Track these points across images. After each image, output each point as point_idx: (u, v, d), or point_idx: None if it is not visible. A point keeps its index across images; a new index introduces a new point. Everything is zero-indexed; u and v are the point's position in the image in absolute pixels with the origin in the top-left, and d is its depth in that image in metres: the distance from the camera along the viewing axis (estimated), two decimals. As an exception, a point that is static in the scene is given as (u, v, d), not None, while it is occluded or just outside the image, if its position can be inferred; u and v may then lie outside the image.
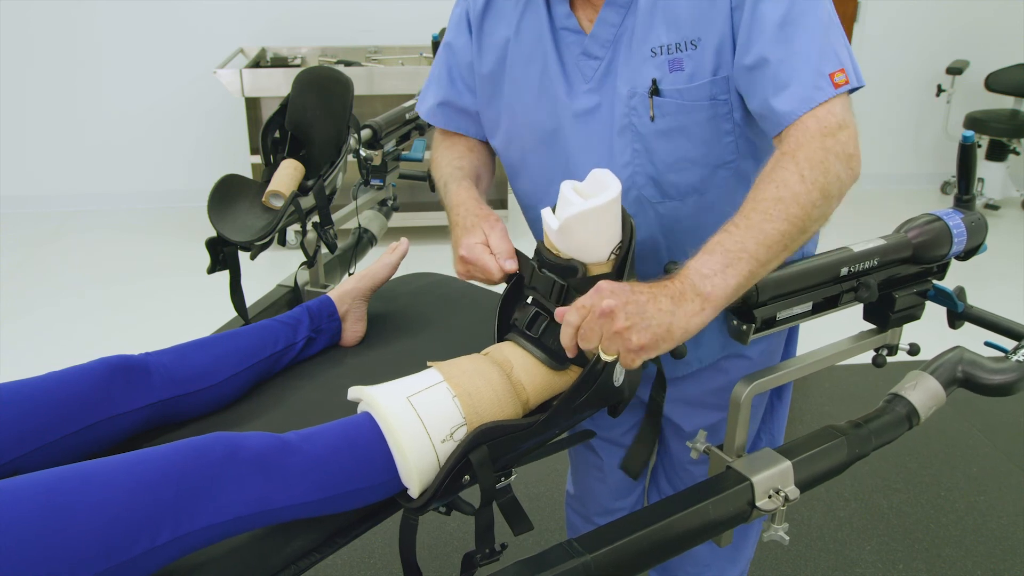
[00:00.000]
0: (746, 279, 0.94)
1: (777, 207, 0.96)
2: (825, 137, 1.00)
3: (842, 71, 1.03)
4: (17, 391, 0.99)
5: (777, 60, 1.03)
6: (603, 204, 0.96)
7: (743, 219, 0.96)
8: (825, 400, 2.96)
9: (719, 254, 0.94)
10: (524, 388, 1.01)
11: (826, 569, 2.16)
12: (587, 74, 1.15)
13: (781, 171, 0.98)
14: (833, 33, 1.04)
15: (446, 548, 2.20)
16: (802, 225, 0.97)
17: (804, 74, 1.02)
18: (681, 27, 1.08)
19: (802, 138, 1.00)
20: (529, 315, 1.04)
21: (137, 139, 4.62)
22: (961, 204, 1.29)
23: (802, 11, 1.02)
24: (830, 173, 0.99)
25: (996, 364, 1.22)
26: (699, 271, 0.93)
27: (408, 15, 4.51)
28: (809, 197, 0.97)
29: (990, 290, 3.65)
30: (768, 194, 0.97)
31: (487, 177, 1.31)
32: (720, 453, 1.12)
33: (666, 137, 1.12)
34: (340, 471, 0.92)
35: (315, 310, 1.30)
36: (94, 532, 0.79)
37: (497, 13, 1.21)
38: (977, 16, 4.92)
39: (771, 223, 0.95)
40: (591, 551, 0.92)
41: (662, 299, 0.90)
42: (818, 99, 1.01)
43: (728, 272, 0.93)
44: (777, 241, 0.95)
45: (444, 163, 1.28)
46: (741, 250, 0.94)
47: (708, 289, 0.92)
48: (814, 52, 1.02)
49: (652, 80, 1.10)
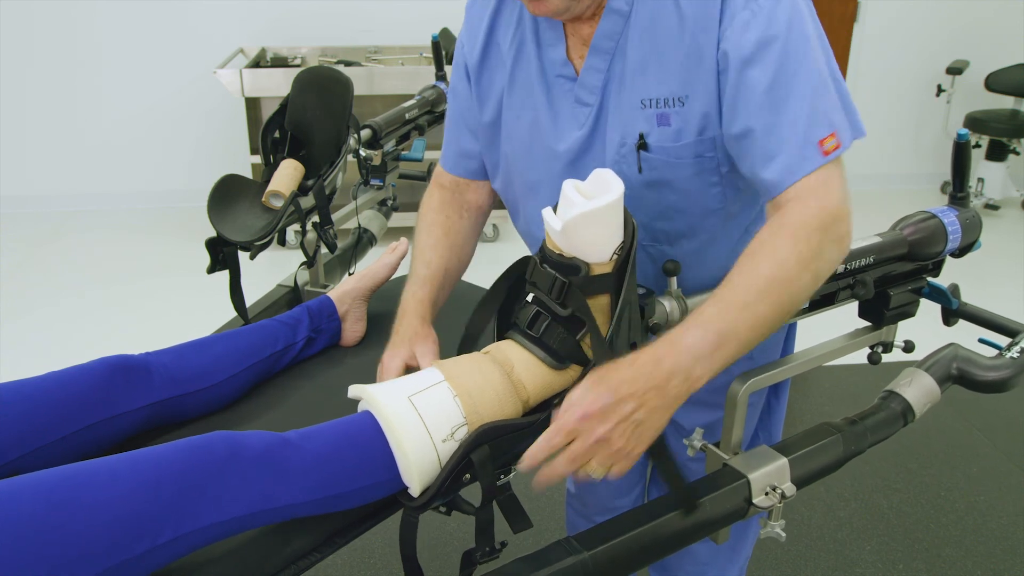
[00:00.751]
0: (729, 362, 0.94)
1: (771, 288, 0.94)
2: (825, 216, 0.98)
3: (833, 135, 1.01)
4: (17, 391, 0.99)
5: (763, 130, 1.01)
6: (605, 205, 0.96)
7: (736, 295, 0.94)
8: (824, 400, 2.96)
9: (713, 333, 0.92)
10: (524, 387, 1.01)
11: (826, 569, 2.17)
12: (580, 120, 1.14)
13: (780, 249, 0.96)
14: (823, 94, 1.01)
15: (446, 548, 2.20)
16: (786, 312, 0.96)
17: (791, 143, 1.00)
18: (669, 82, 1.06)
19: (805, 215, 0.98)
20: (530, 314, 1.04)
21: (137, 139, 4.63)
22: (956, 201, 1.29)
23: (791, 74, 0.99)
24: (823, 258, 0.98)
25: (990, 360, 1.22)
26: (691, 351, 0.91)
27: (408, 15, 4.51)
28: (801, 282, 0.96)
29: (990, 290, 3.65)
30: (764, 271, 0.95)
31: (458, 261, 1.29)
32: (717, 451, 1.13)
33: (653, 188, 1.13)
34: (341, 470, 0.92)
35: (315, 310, 1.31)
36: (95, 531, 0.79)
37: (492, 62, 1.21)
38: (977, 16, 4.93)
39: (764, 305, 0.94)
40: (589, 549, 0.92)
41: (649, 397, 0.89)
42: (805, 169, 0.99)
43: (716, 356, 0.92)
44: (765, 325, 0.95)
45: (418, 250, 1.27)
46: (733, 332, 0.92)
47: (699, 373, 0.91)
48: (802, 119, 0.99)
49: (640, 135, 1.09)
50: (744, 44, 1.00)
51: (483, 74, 1.22)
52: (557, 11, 1.05)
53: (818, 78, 1.01)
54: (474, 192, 1.33)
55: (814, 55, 1.01)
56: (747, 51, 1.00)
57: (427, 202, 1.33)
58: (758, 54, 1.00)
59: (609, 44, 1.10)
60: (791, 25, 1.00)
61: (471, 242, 1.33)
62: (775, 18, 0.99)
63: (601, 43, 1.10)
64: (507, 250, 4.06)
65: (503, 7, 1.19)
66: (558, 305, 1.01)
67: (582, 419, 0.88)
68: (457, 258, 1.29)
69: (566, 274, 1.00)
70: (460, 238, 1.30)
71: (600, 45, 1.10)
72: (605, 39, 1.10)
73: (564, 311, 1.01)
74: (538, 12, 1.06)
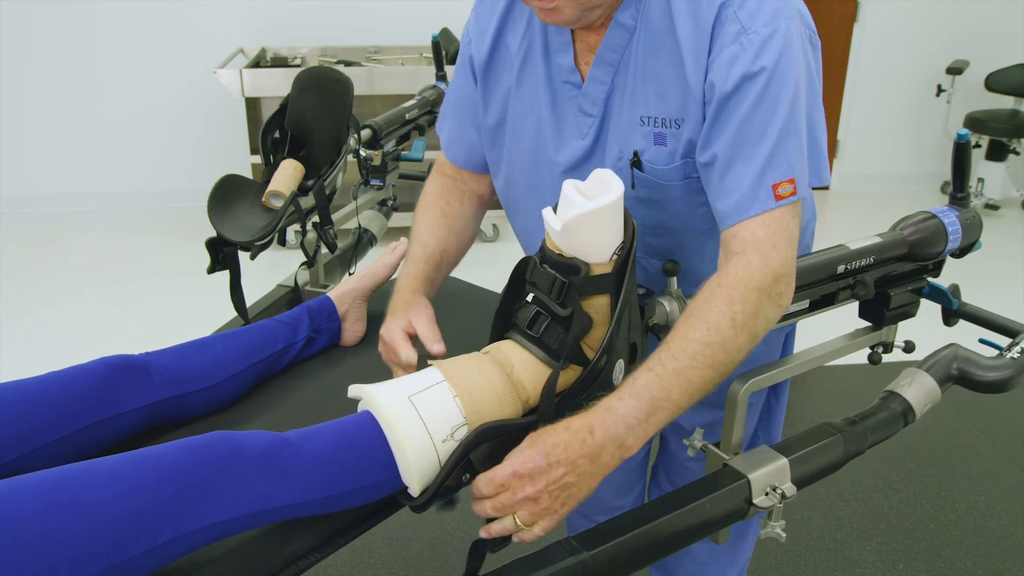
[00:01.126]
0: (661, 426, 0.95)
1: (705, 352, 0.95)
2: (765, 276, 0.98)
3: (790, 181, 1.00)
4: (17, 391, 0.99)
5: (725, 162, 1.01)
6: (605, 205, 0.96)
7: (671, 360, 0.95)
8: (824, 400, 2.96)
9: (646, 401, 0.93)
10: (524, 387, 1.01)
11: (826, 569, 2.17)
12: (583, 130, 1.15)
13: (714, 312, 0.96)
14: (789, 138, 1.00)
15: (446, 548, 2.20)
16: (724, 371, 0.97)
17: (745, 182, 1.00)
18: (668, 104, 1.07)
19: (742, 272, 0.98)
20: (530, 314, 1.04)
21: (137, 139, 4.63)
22: (956, 202, 1.29)
23: (763, 113, 0.99)
24: (760, 317, 0.98)
25: (991, 361, 1.22)
26: (625, 420, 0.92)
27: (408, 15, 4.51)
28: (737, 343, 0.96)
29: (990, 290, 3.65)
30: (698, 335, 0.95)
31: (455, 247, 1.30)
32: (717, 451, 1.12)
33: (645, 205, 1.14)
34: (341, 470, 0.92)
35: (315, 310, 1.31)
36: (95, 531, 0.79)
37: (500, 63, 1.21)
38: (977, 16, 4.93)
39: (697, 370, 0.94)
40: (589, 549, 0.92)
41: (580, 463, 0.91)
42: (755, 210, 1.00)
43: (650, 422, 0.93)
44: (699, 389, 0.95)
45: (416, 231, 1.29)
46: (666, 399, 0.93)
47: (631, 441, 0.93)
48: (760, 160, 0.99)
49: (635, 152, 1.10)
50: (728, 78, 1.00)
51: (490, 74, 1.22)
52: (569, 21, 1.05)
53: (789, 122, 1.00)
54: (476, 182, 1.34)
55: (792, 98, 1.00)
56: (729, 86, 1.00)
57: (428, 188, 1.34)
58: (739, 88, 1.00)
59: (614, 57, 1.10)
60: (777, 63, 0.99)
61: (471, 228, 1.34)
62: (763, 54, 0.99)
63: (606, 55, 1.10)
64: (507, 250, 4.06)
65: (513, 8, 1.19)
66: (558, 305, 1.01)
67: (512, 476, 0.90)
68: (456, 241, 1.29)
69: (566, 274, 1.00)
70: (459, 223, 1.31)
71: (605, 57, 1.10)
72: (610, 51, 1.10)
73: (564, 311, 1.01)
74: (550, 21, 1.06)
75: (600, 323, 1.02)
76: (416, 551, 2.19)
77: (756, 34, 0.99)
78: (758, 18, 1.00)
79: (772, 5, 1.01)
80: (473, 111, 1.27)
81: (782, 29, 1.00)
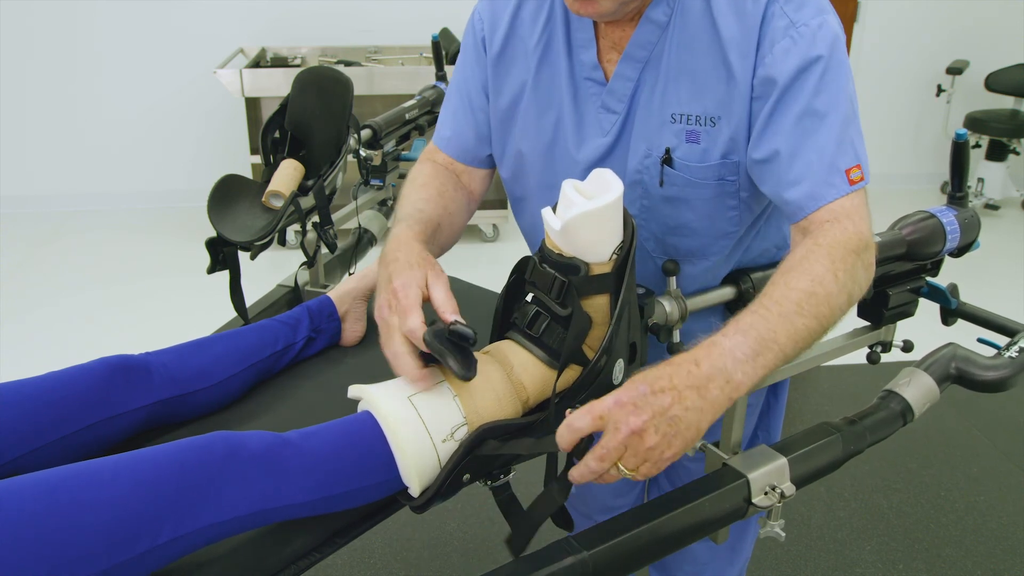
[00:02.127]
0: (769, 372, 0.90)
1: (810, 302, 0.92)
2: (860, 242, 0.99)
3: (858, 167, 1.01)
4: (17, 391, 0.99)
5: (790, 153, 1.01)
6: (605, 205, 0.96)
7: (776, 305, 0.92)
8: (823, 399, 2.96)
9: (753, 339, 0.89)
10: (524, 387, 1.02)
11: (826, 569, 2.17)
12: (604, 127, 1.14)
13: (817, 265, 0.95)
14: (853, 127, 1.02)
15: (446, 548, 2.20)
16: (826, 326, 0.94)
17: (818, 169, 1.00)
18: (704, 101, 1.06)
19: (839, 236, 0.98)
20: (529, 314, 1.04)
21: (137, 139, 4.63)
22: (954, 201, 1.29)
23: (826, 100, 1.00)
24: (857, 281, 0.98)
25: (989, 360, 1.23)
26: (732, 353, 0.87)
27: (408, 15, 4.51)
28: (838, 300, 0.95)
29: (989, 290, 3.65)
30: (803, 285, 0.93)
31: (448, 231, 1.21)
32: (716, 450, 1.13)
33: (671, 204, 1.13)
34: (341, 470, 0.92)
35: (315, 310, 1.31)
36: (95, 531, 0.79)
37: (514, 54, 1.20)
38: (977, 16, 4.93)
39: (803, 318, 0.91)
40: (589, 548, 0.92)
41: (688, 395, 0.84)
42: (831, 196, 1.00)
43: (758, 361, 0.89)
44: (804, 338, 0.92)
45: (409, 201, 1.20)
46: (773, 340, 0.89)
47: (739, 377, 0.87)
48: (831, 146, 1.00)
49: (667, 149, 1.09)
50: (785, 71, 1.01)
51: (501, 65, 1.21)
52: (605, 13, 1.04)
53: (849, 108, 1.01)
54: (469, 177, 1.31)
55: (848, 86, 1.02)
56: (787, 78, 1.01)
57: (420, 170, 1.27)
58: (797, 79, 1.01)
59: (643, 53, 1.10)
60: (832, 52, 1.01)
61: (462, 219, 1.26)
62: (816, 43, 1.00)
63: (635, 52, 1.10)
64: (507, 250, 4.05)
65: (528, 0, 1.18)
66: (557, 305, 1.01)
67: (614, 405, 0.83)
68: (448, 225, 1.21)
69: (565, 274, 1.00)
70: (454, 206, 1.24)
71: (633, 54, 1.10)
72: (639, 48, 1.09)
73: (564, 311, 1.01)
74: (585, 12, 1.05)
75: (600, 323, 1.02)
76: (416, 551, 2.19)
77: (806, 26, 1.01)
78: (804, 11, 1.01)
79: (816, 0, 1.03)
80: (480, 94, 1.25)
81: (830, 22, 1.02)
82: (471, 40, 1.25)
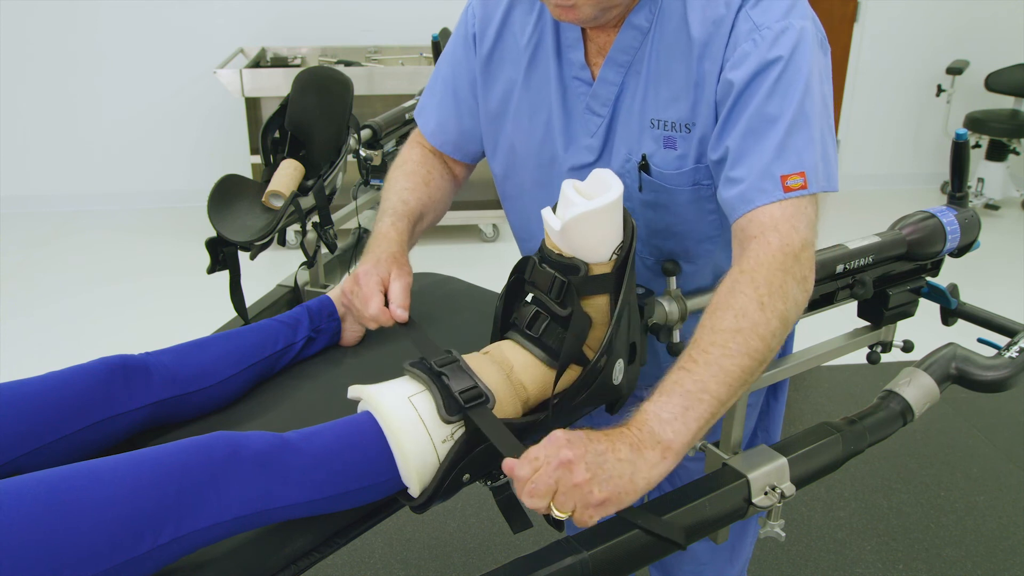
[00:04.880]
0: (707, 421, 0.89)
1: (737, 340, 0.90)
2: (786, 257, 0.95)
3: (800, 174, 0.98)
4: (17, 391, 0.99)
5: (735, 155, 1.01)
6: (605, 205, 0.97)
7: (701, 354, 0.91)
8: (823, 400, 2.96)
9: (678, 396, 0.88)
10: (524, 387, 1.02)
11: (826, 569, 2.17)
12: (590, 129, 1.15)
13: (740, 296, 0.93)
14: (799, 132, 0.99)
15: (446, 548, 2.20)
16: (762, 357, 0.92)
17: (754, 172, 0.99)
18: (680, 107, 1.07)
19: (763, 256, 0.95)
20: (529, 314, 1.04)
21: (137, 139, 4.63)
22: (955, 201, 1.29)
23: (775, 103, 0.99)
24: (789, 298, 0.94)
25: (989, 360, 1.23)
26: (658, 416, 0.87)
27: (408, 15, 4.51)
28: (769, 327, 0.92)
29: (989, 290, 3.65)
30: (726, 324, 0.92)
31: (431, 217, 1.28)
32: (716, 450, 1.13)
33: (652, 208, 1.13)
34: (341, 470, 0.92)
35: (315, 310, 1.31)
36: (96, 531, 0.79)
37: (505, 52, 1.20)
38: (977, 16, 4.93)
39: (731, 359, 0.90)
40: (589, 548, 0.92)
41: (621, 448, 0.85)
42: (761, 200, 0.98)
43: (688, 416, 0.87)
44: (738, 378, 0.90)
45: (394, 190, 1.25)
46: (702, 391, 0.88)
47: (669, 436, 0.86)
48: (770, 150, 0.98)
49: (643, 155, 1.09)
50: (742, 74, 1.00)
51: (492, 63, 1.22)
52: (585, 19, 1.05)
53: (799, 114, 0.99)
54: (454, 163, 1.34)
55: (804, 91, 1.00)
56: (743, 81, 1.00)
57: (407, 155, 1.31)
58: (752, 82, 1.00)
59: (625, 58, 1.10)
60: (792, 55, 1.00)
61: (445, 204, 1.32)
62: (776, 46, 1.00)
63: (617, 56, 1.10)
64: (507, 250, 4.05)
65: None
66: (557, 305, 1.01)
67: (548, 442, 0.84)
68: (432, 213, 1.29)
69: (565, 274, 1.00)
70: (439, 194, 1.30)
71: (616, 58, 1.10)
72: (621, 53, 1.10)
73: (563, 311, 1.01)
74: (565, 18, 1.05)
75: (600, 323, 1.02)
76: (416, 551, 2.19)
77: (769, 30, 1.00)
78: (770, 14, 1.01)
79: (784, 4, 1.02)
80: (467, 90, 1.26)
81: (796, 26, 1.01)
82: (462, 34, 1.26)
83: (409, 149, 1.33)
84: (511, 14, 1.20)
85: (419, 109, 1.35)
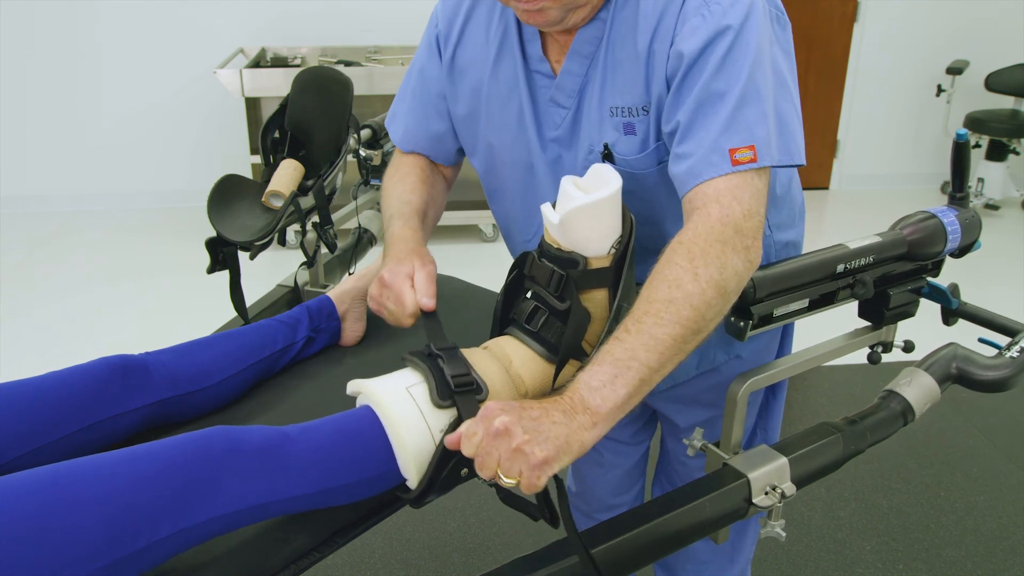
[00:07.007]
0: (637, 388, 0.90)
1: (669, 309, 0.91)
2: (725, 228, 0.95)
3: (750, 148, 0.98)
4: (17, 391, 0.99)
5: (685, 128, 1.00)
6: (603, 198, 0.97)
7: (634, 324, 0.92)
8: (824, 400, 2.96)
9: (608, 364, 0.90)
10: (523, 381, 1.02)
11: (826, 569, 2.17)
12: (556, 121, 1.15)
13: (674, 268, 0.93)
14: (750, 105, 0.98)
15: (446, 548, 2.20)
16: (696, 327, 0.92)
17: (702, 146, 0.98)
18: (636, 91, 1.06)
19: (700, 227, 0.96)
20: (528, 309, 1.04)
21: (137, 139, 4.63)
22: (955, 201, 1.29)
23: (725, 77, 0.98)
24: (727, 269, 0.94)
25: (990, 360, 1.23)
26: (588, 384, 0.89)
27: (408, 15, 4.51)
28: (703, 297, 0.92)
29: (990, 290, 3.65)
30: (660, 295, 0.92)
31: (434, 212, 1.28)
32: (716, 450, 1.13)
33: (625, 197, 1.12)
34: (340, 463, 0.92)
35: (315, 310, 1.31)
36: (95, 526, 0.79)
37: (471, 50, 1.20)
38: (977, 16, 4.93)
39: (662, 327, 0.90)
40: (590, 547, 0.92)
41: (554, 413, 0.87)
42: (708, 174, 0.98)
43: (617, 383, 0.89)
44: (669, 346, 0.91)
45: (394, 196, 1.25)
46: (631, 359, 0.89)
47: (597, 402, 0.88)
48: (718, 124, 0.98)
49: (605, 144, 1.09)
50: (691, 46, 1.00)
51: (456, 67, 1.22)
52: (552, 22, 1.05)
53: (749, 89, 0.99)
54: (439, 166, 1.34)
55: (754, 63, 0.99)
56: (693, 53, 1.00)
57: (399, 161, 1.31)
58: (702, 55, 0.99)
59: (589, 49, 1.10)
60: (742, 27, 0.99)
61: (442, 200, 1.32)
62: (724, 19, 0.99)
63: (582, 47, 1.10)
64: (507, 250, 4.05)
65: None
66: (556, 299, 1.01)
67: (482, 417, 0.87)
68: (433, 211, 1.28)
69: (564, 268, 1.01)
70: (435, 190, 1.29)
71: (580, 49, 1.10)
72: (586, 44, 1.09)
73: (562, 305, 1.01)
74: (533, 22, 1.05)
75: (598, 318, 1.02)
76: (416, 551, 2.19)
77: (718, 4, 1.00)
78: None
79: None
80: (437, 97, 1.26)
81: (745, 1, 1.00)
82: (427, 39, 1.26)
83: (400, 154, 1.33)
84: (474, 12, 1.19)
85: (389, 116, 1.34)
